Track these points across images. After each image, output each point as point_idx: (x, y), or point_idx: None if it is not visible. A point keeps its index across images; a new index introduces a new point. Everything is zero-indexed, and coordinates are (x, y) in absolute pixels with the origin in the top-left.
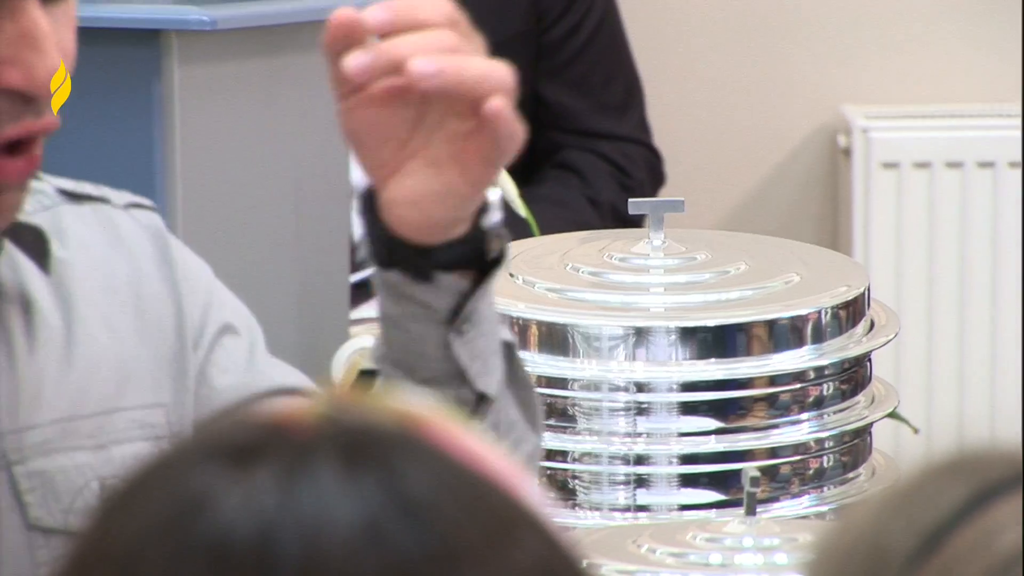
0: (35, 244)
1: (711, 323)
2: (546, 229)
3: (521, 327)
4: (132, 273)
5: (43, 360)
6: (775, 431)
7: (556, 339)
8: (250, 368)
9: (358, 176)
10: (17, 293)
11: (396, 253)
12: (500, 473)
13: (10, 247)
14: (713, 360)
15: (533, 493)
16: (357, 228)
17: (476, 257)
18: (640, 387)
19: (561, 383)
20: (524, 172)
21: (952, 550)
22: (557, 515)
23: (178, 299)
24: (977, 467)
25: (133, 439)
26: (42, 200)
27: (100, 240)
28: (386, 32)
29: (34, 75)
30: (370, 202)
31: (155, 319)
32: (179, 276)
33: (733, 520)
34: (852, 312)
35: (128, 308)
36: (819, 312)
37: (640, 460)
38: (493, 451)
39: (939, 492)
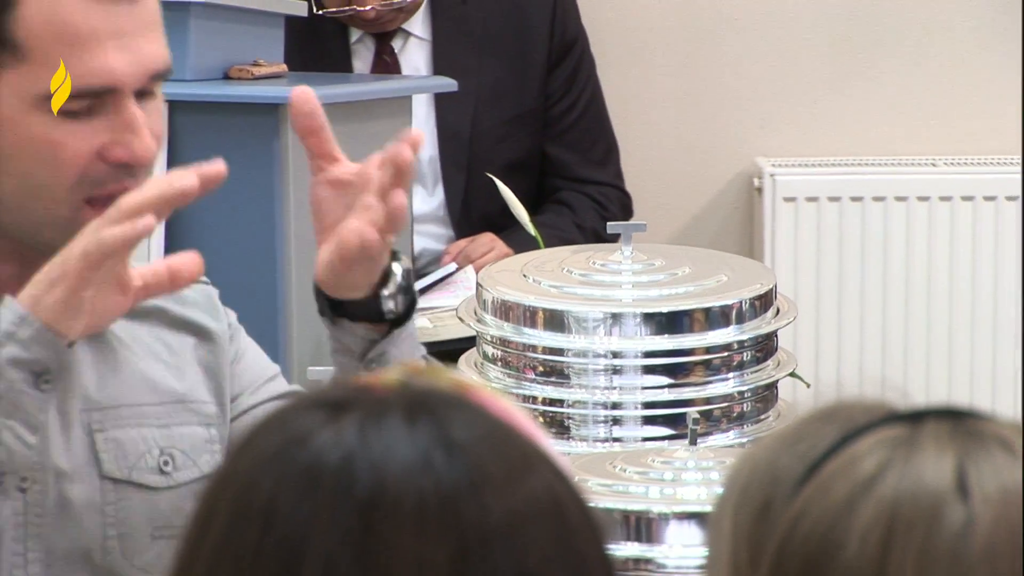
0: None
1: (665, 310)
2: (548, 245)
3: (531, 312)
4: (193, 319)
5: (124, 361)
6: (710, 385)
7: (556, 321)
8: (262, 388)
9: (420, 204)
10: None
11: (320, 303)
12: (521, 425)
13: None
14: (666, 335)
15: (544, 439)
16: (417, 245)
17: (376, 315)
18: (615, 354)
19: (559, 352)
20: (533, 206)
21: (827, 473)
22: (556, 446)
23: (222, 335)
24: (847, 414)
25: (191, 423)
26: None
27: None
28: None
29: (134, 152)
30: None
31: (204, 339)
32: (222, 317)
33: (680, 449)
34: (763, 302)
35: (182, 328)
36: (740, 302)
37: (615, 406)
38: (516, 410)
39: (818, 432)
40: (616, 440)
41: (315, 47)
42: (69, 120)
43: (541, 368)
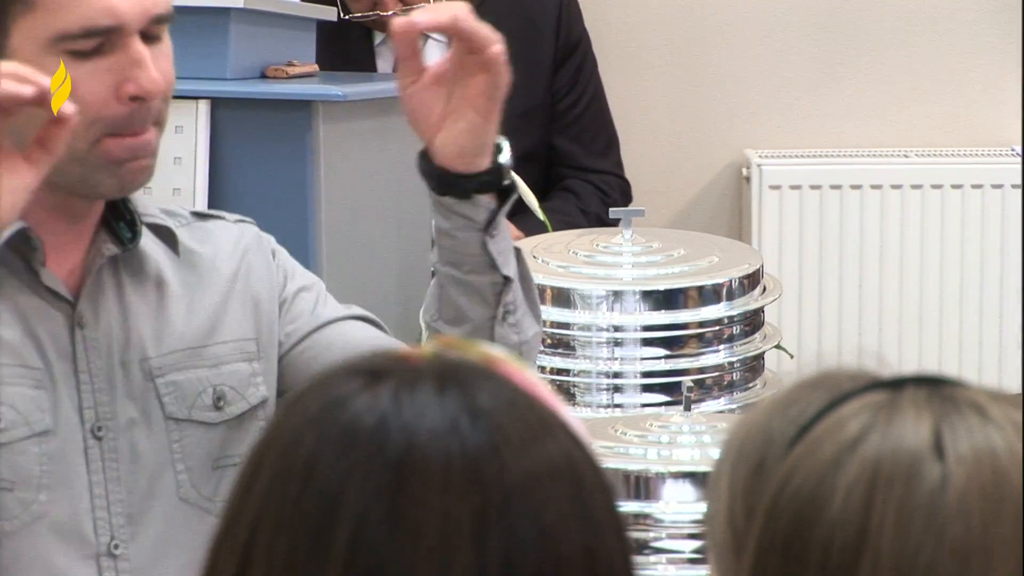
0: (169, 237)
1: (662, 287)
2: (555, 228)
3: (540, 289)
4: (238, 261)
5: (174, 311)
6: (703, 356)
7: (562, 297)
8: (312, 313)
9: None
10: (155, 271)
11: (445, 182)
12: (542, 394)
13: (151, 239)
14: (663, 311)
15: (563, 408)
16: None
17: (497, 182)
18: (616, 328)
19: (566, 326)
20: (541, 193)
21: (815, 435)
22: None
23: (270, 275)
24: (834, 381)
25: (236, 361)
26: (179, 219)
27: (217, 240)
28: (431, 30)
29: (142, 85)
30: (425, 155)
31: (251, 288)
32: (270, 262)
33: (675, 414)
34: (751, 281)
35: (233, 281)
36: (730, 281)
37: (616, 375)
38: (538, 381)
39: (808, 398)
40: (617, 406)
41: (343, 49)
42: (80, 60)
43: (549, 341)
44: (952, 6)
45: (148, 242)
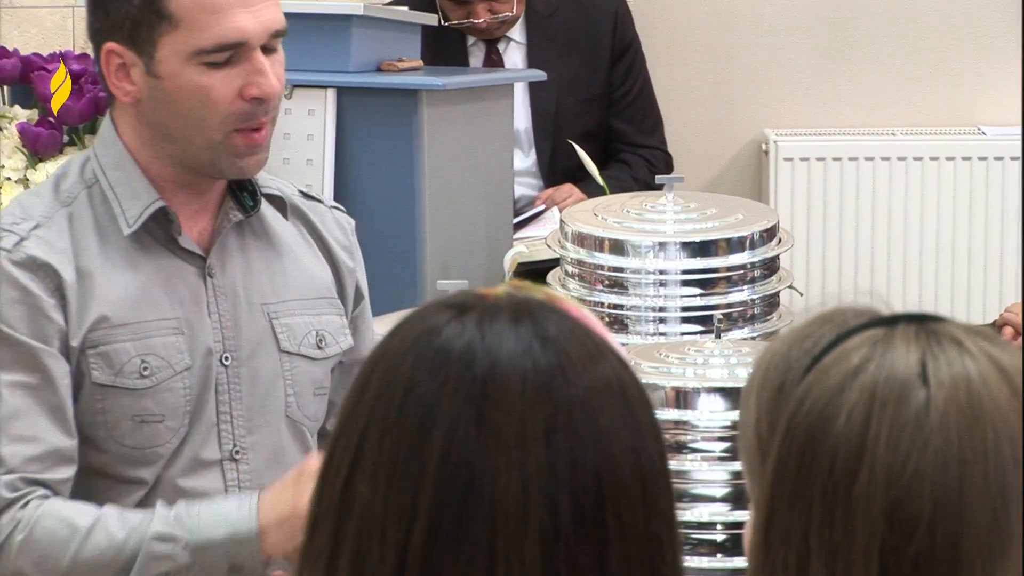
0: (280, 204)
1: (698, 239)
2: (612, 192)
3: (600, 241)
4: (329, 242)
5: (288, 266)
6: (730, 294)
7: (618, 247)
8: (355, 349)
9: (519, 162)
10: (272, 233)
11: None
12: (594, 325)
13: (268, 207)
14: (698, 258)
15: (610, 336)
16: (516, 193)
17: None
18: (661, 272)
19: (620, 270)
20: (601, 164)
21: (824, 364)
22: (618, 340)
23: (355, 267)
24: (842, 317)
25: (332, 313)
26: (290, 196)
27: (323, 215)
28: None
29: (263, 88)
30: None
31: (337, 268)
32: (351, 250)
33: (708, 341)
34: (769, 234)
35: (324, 254)
36: (752, 234)
37: (661, 309)
38: (589, 314)
39: (819, 332)
40: (661, 335)
41: (442, 48)
42: (214, 69)
43: (607, 281)
44: (929, 8)
45: (266, 209)
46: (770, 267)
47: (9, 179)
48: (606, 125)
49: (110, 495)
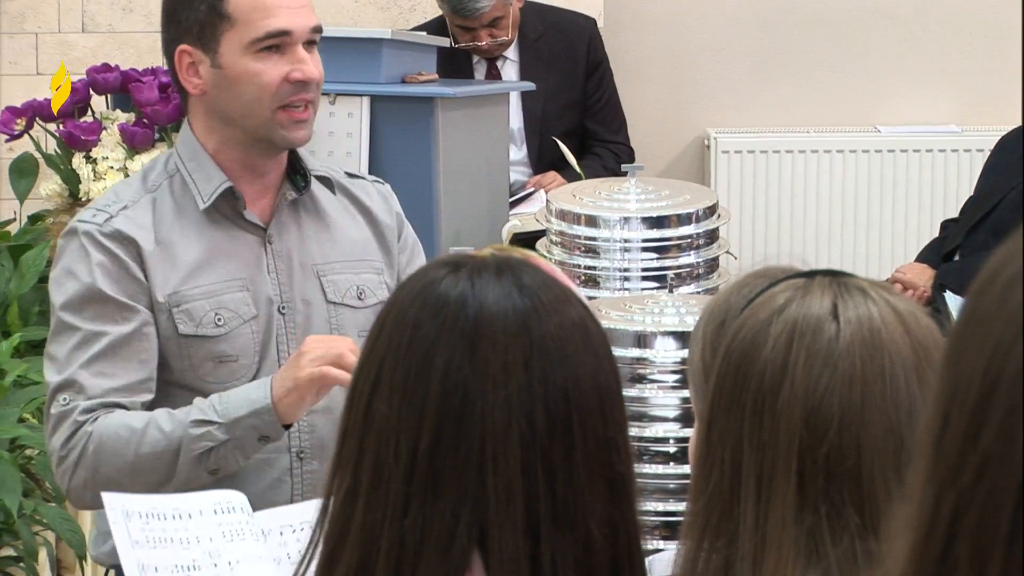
0: (327, 182)
1: (655, 215)
2: (587, 178)
3: (577, 215)
4: (372, 209)
5: (334, 234)
6: (681, 258)
7: (592, 221)
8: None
9: (514, 155)
10: (321, 208)
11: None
12: (561, 278)
13: (318, 187)
14: (655, 230)
15: (575, 287)
16: (511, 178)
17: None
18: (626, 240)
19: (593, 239)
20: (578, 156)
21: (756, 304)
22: (589, 294)
23: (396, 223)
24: (772, 273)
25: (370, 272)
26: (336, 176)
27: (367, 189)
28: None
29: (305, 72)
30: None
31: (378, 229)
32: (394, 214)
33: (663, 295)
34: (711, 210)
35: (366, 221)
36: (698, 210)
37: (625, 270)
38: (558, 271)
39: (753, 283)
40: (626, 290)
41: (453, 64)
42: (265, 55)
43: (583, 248)
44: (845, 15)
45: (316, 188)
46: (712, 236)
47: (112, 168)
48: (582, 125)
49: None
